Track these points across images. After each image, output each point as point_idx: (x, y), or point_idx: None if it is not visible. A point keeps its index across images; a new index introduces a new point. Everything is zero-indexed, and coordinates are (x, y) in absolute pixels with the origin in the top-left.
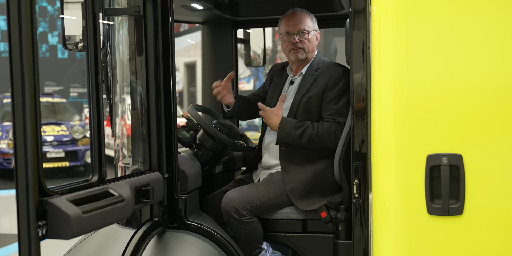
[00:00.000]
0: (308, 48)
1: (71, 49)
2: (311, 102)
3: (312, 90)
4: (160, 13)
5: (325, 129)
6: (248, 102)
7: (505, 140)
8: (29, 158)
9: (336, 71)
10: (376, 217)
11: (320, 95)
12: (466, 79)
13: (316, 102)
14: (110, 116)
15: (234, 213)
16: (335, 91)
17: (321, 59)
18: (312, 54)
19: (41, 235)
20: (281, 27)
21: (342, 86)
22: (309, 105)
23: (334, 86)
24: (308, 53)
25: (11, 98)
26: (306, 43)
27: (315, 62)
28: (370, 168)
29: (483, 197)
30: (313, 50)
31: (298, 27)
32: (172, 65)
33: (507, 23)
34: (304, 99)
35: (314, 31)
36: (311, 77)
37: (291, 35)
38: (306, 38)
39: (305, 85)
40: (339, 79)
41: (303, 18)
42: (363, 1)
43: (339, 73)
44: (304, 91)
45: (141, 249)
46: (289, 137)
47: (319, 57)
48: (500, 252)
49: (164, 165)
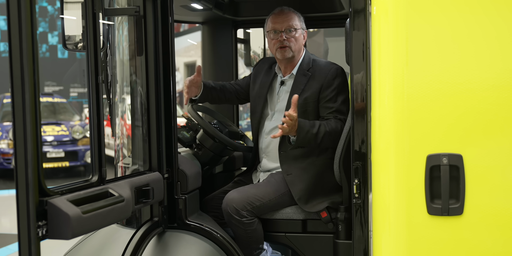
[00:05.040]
0: (295, 47)
1: (71, 49)
2: (307, 103)
3: (307, 91)
4: (160, 13)
5: (334, 127)
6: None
7: (505, 140)
8: (29, 158)
9: (330, 70)
10: (376, 217)
11: (316, 95)
12: (466, 79)
13: (312, 103)
14: (110, 116)
15: (235, 214)
16: (331, 90)
17: (311, 59)
18: (300, 53)
19: (41, 235)
20: (268, 25)
21: (337, 85)
22: (305, 106)
23: (329, 86)
24: (295, 52)
25: (11, 98)
26: (293, 41)
27: (305, 62)
28: (370, 168)
29: (483, 197)
30: (300, 49)
31: (285, 25)
32: (172, 65)
33: (507, 23)
34: (300, 100)
35: (301, 30)
36: (304, 78)
37: (278, 32)
38: (293, 36)
39: (298, 86)
40: (333, 78)
41: (290, 16)
42: (363, 1)
43: (333, 72)
44: (298, 92)
45: (141, 249)
46: (307, 138)
47: (308, 56)
48: (500, 252)
49: (164, 165)
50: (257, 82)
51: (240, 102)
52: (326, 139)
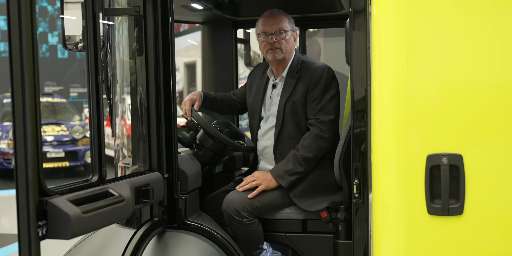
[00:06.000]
0: (285, 48)
1: (71, 49)
2: (296, 105)
3: (295, 94)
4: (160, 13)
5: (308, 141)
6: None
7: (505, 140)
8: (29, 158)
9: (316, 71)
10: (376, 217)
11: (303, 97)
12: (466, 79)
13: (300, 104)
14: (110, 116)
15: (235, 214)
16: (317, 90)
17: (300, 60)
18: (290, 54)
19: (41, 235)
20: (258, 28)
21: (323, 85)
22: (294, 108)
23: (315, 86)
24: (286, 53)
25: (11, 98)
26: (284, 43)
27: (294, 64)
28: (370, 168)
29: (483, 197)
30: (290, 50)
31: (275, 27)
32: (172, 65)
33: (508, 23)
34: (289, 103)
35: (292, 32)
36: (292, 80)
37: (268, 35)
38: (283, 38)
39: (287, 89)
40: (319, 78)
41: (280, 18)
42: (363, 1)
43: (318, 72)
44: (287, 95)
45: (141, 249)
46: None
47: (298, 57)
48: (500, 252)
49: (164, 165)
50: (253, 89)
51: (238, 112)
52: (310, 157)
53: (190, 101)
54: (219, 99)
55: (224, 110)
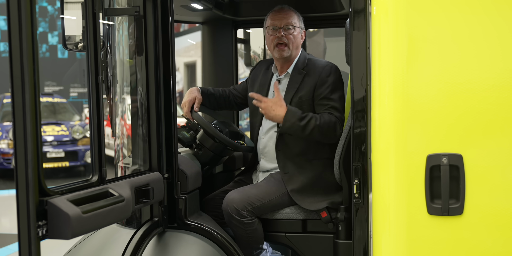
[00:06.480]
0: (292, 45)
1: (71, 49)
2: (302, 101)
3: (302, 90)
4: (160, 13)
5: (327, 121)
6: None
7: (505, 140)
8: (29, 158)
9: (324, 68)
10: (376, 217)
11: (310, 94)
12: (466, 79)
13: (307, 101)
14: (110, 116)
15: (235, 214)
16: (325, 87)
17: (306, 58)
18: (297, 52)
19: (41, 235)
20: (267, 21)
21: (332, 82)
22: (300, 104)
23: (323, 83)
24: (293, 50)
25: (11, 98)
26: (291, 39)
27: (300, 61)
28: (370, 168)
29: (483, 197)
30: (297, 47)
31: (284, 22)
32: (172, 65)
33: (508, 23)
34: (295, 99)
35: (300, 29)
36: (299, 76)
37: (276, 29)
38: (291, 34)
39: (293, 85)
40: (327, 76)
41: (290, 13)
42: (363, 1)
43: (327, 69)
44: (293, 91)
45: (141, 249)
46: (293, 128)
47: (304, 55)
48: (500, 252)
49: (164, 165)
50: (255, 85)
51: (238, 107)
52: (316, 132)
53: (190, 103)
54: (217, 95)
55: (222, 105)
